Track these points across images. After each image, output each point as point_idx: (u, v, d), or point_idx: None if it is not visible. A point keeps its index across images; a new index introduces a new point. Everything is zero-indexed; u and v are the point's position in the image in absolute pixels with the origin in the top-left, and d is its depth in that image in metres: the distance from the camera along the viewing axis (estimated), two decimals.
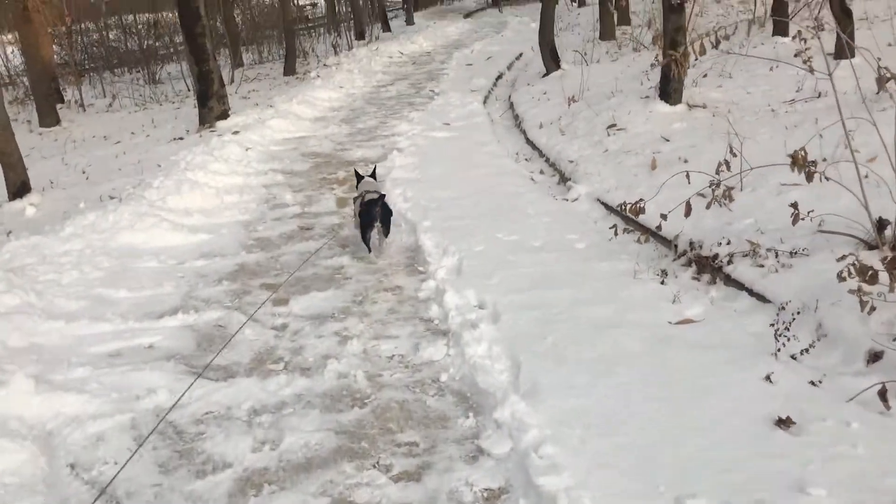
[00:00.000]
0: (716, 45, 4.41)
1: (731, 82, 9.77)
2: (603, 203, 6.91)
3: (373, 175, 6.54)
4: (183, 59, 20.54)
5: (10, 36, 19.98)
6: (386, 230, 5.81)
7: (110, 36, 23.95)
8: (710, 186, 5.11)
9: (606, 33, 16.81)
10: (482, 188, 7.52)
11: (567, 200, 7.21)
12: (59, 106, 16.31)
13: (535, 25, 25.82)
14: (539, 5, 31.11)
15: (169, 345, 4.52)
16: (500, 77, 15.56)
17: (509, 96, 13.36)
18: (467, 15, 39.22)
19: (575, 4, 29.98)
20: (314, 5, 40.40)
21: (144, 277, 5.62)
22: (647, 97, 9.52)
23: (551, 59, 13.28)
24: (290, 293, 5.22)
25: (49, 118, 13.52)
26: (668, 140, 7.93)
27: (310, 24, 30.84)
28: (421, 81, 15.18)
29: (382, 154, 9.39)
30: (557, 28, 21.90)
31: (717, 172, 5.18)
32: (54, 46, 23.21)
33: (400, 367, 4.08)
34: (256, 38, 23.04)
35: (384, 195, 5.73)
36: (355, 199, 5.96)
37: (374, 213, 5.56)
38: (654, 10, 18.23)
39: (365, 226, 5.62)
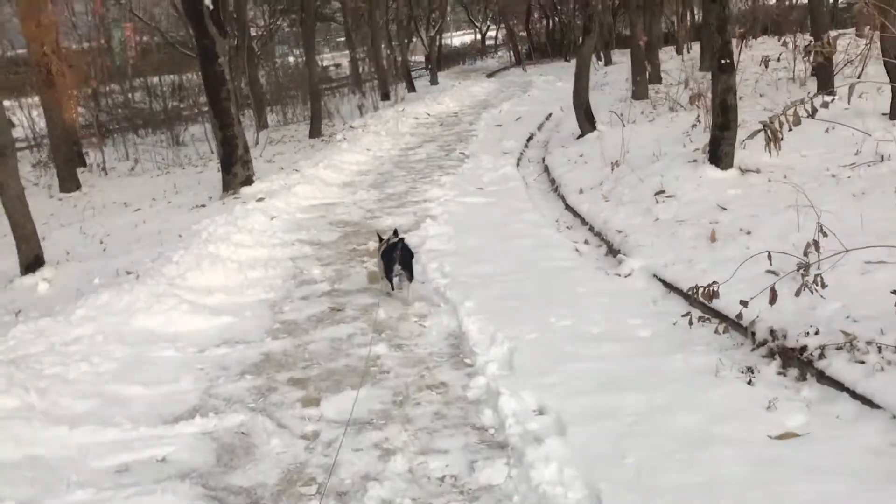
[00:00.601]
0: (812, 115, 3.85)
1: (783, 144, 9.24)
2: (661, 280, 6.31)
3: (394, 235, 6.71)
4: (207, 121, 20.46)
5: (35, 98, 20.00)
6: (409, 274, 6.01)
7: (135, 97, 24.04)
8: (798, 270, 4.50)
9: (640, 93, 16.44)
10: (525, 261, 6.96)
11: (620, 276, 6.63)
12: (81, 170, 16.02)
13: (562, 84, 25.63)
14: (564, 64, 31.19)
15: (184, 458, 3.93)
16: (531, 138, 15.16)
17: (543, 159, 12.90)
18: (490, 74, 39.32)
19: (601, 63, 29.84)
20: (338, 66, 40.74)
21: (160, 369, 5.06)
22: (694, 161, 8.99)
23: (586, 120, 12.84)
24: (320, 390, 4.64)
25: (69, 183, 13.22)
26: (724, 209, 7.37)
27: (334, 84, 30.91)
28: (450, 143, 14.80)
29: (415, 222, 8.89)
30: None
31: (806, 254, 4.59)
32: (80, 108, 23.30)
33: (454, 494, 3.46)
34: (281, 99, 22.97)
35: (403, 238, 6.06)
36: (379, 248, 6.34)
37: (394, 256, 5.86)
38: (687, 69, 17.84)
39: (387, 269, 5.99)
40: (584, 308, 5.61)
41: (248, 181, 10.85)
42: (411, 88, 26.29)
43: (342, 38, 41.22)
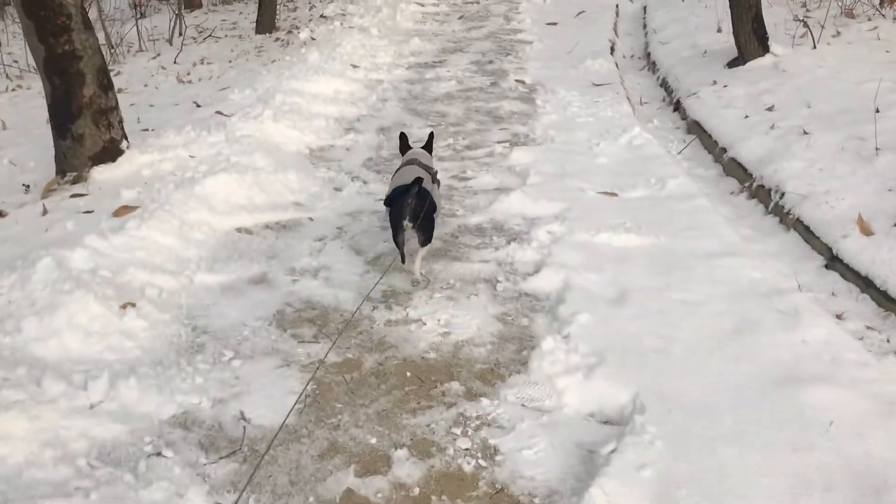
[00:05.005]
0: None
1: None
2: None
3: (428, 145, 4.38)
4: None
5: None
6: (426, 234, 3.73)
7: None
8: None
9: None
10: None
11: None
12: None
13: None
14: None
15: None
16: (612, 49, 9.36)
17: (675, 102, 7.26)
18: None
19: None
20: None
21: None
22: None
23: (754, 36, 7.12)
24: None
25: None
26: None
27: None
28: (489, 55, 8.93)
29: (501, 339, 3.41)
30: None
31: None
32: None
33: None
34: None
35: (421, 179, 3.60)
36: (392, 178, 4.04)
37: (404, 209, 3.59)
38: None
39: (394, 226, 3.70)
40: None
41: (112, 150, 5.11)
42: None
43: None
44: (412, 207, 3.61)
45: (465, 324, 3.43)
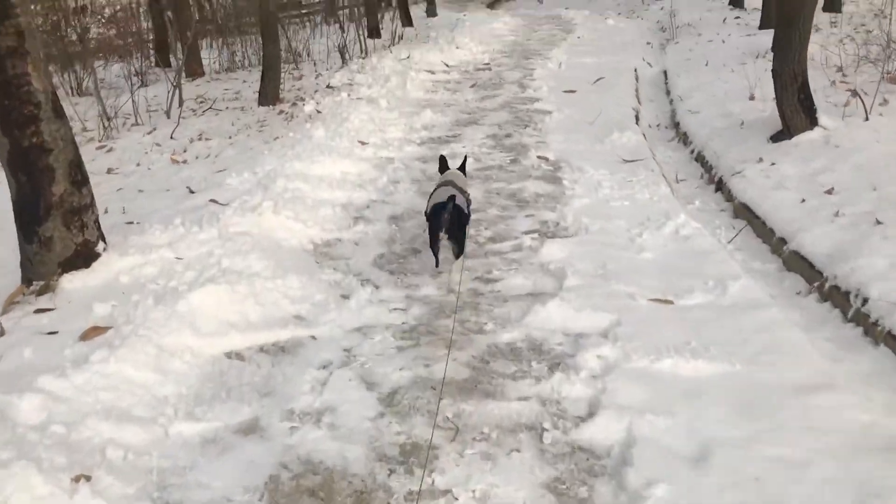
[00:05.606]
0: None
1: None
2: None
3: (462, 167, 5.20)
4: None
5: None
6: (459, 246, 4.37)
7: None
8: None
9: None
10: None
11: None
12: None
13: (613, 24, 18.71)
14: None
15: None
16: (637, 118, 8.78)
17: (717, 181, 6.61)
18: (490, 4, 32.71)
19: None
20: None
21: None
22: None
23: (800, 108, 6.51)
24: None
25: None
26: None
27: (304, 11, 23.97)
28: (505, 127, 8.33)
29: None
30: (689, 48, 13.98)
31: None
32: None
33: None
34: (230, 31, 16.19)
35: (454, 196, 4.28)
36: (430, 196, 4.69)
37: (441, 220, 4.25)
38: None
39: (432, 236, 4.40)
40: None
41: (85, 254, 4.46)
42: (407, 22, 19.45)
43: None
44: (448, 222, 4.22)
45: (509, 497, 2.70)
